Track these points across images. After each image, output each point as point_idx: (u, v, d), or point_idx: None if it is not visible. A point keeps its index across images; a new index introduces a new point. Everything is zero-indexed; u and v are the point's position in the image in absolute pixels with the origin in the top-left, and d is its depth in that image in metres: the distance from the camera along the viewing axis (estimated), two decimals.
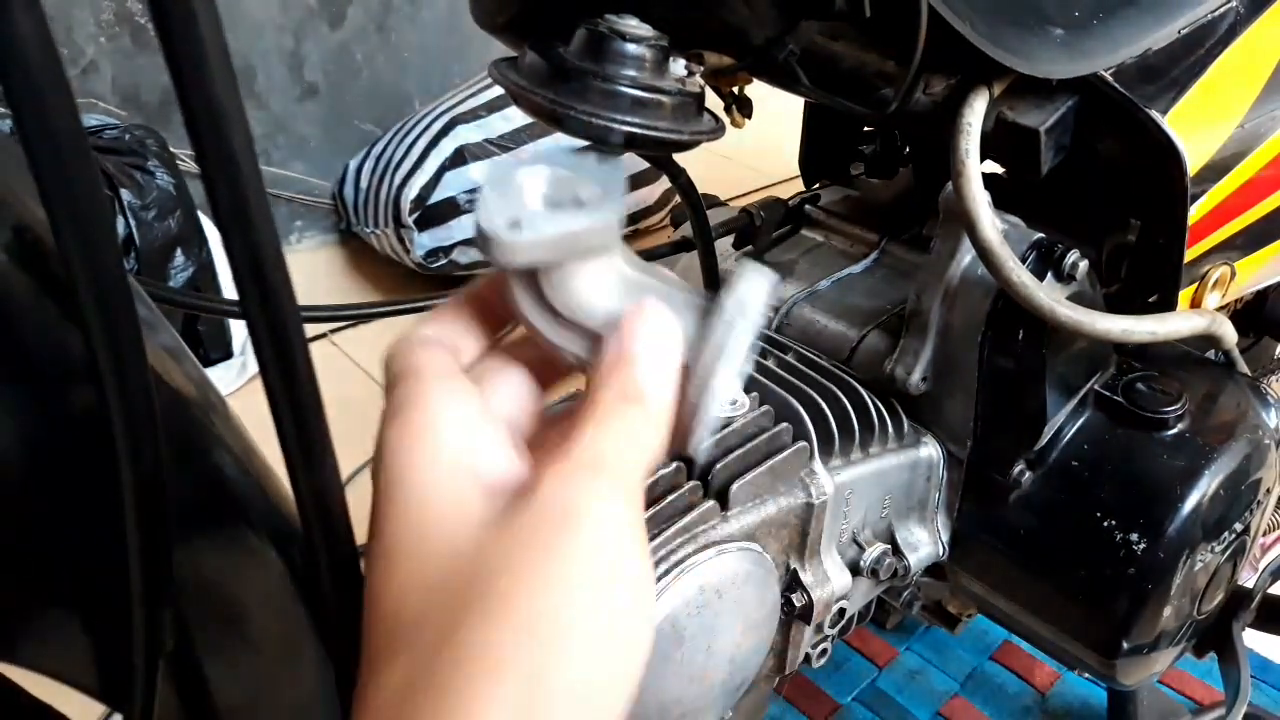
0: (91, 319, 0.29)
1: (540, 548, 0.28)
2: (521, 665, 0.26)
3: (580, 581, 0.28)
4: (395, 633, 0.28)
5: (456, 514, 0.30)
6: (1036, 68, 0.54)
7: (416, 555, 0.29)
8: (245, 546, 0.43)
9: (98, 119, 1.59)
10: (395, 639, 0.28)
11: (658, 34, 0.50)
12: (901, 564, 0.65)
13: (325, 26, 1.96)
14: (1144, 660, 0.66)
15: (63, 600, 0.36)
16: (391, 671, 0.28)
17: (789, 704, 1.11)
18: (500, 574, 0.27)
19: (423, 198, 1.81)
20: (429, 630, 0.28)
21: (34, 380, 0.33)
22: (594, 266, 0.36)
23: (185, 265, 1.54)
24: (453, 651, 0.27)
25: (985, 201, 0.56)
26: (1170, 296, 0.64)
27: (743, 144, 1.01)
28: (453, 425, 0.31)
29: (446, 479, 0.30)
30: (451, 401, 0.32)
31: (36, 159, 0.26)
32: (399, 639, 0.28)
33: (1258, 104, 0.64)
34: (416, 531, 0.30)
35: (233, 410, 0.44)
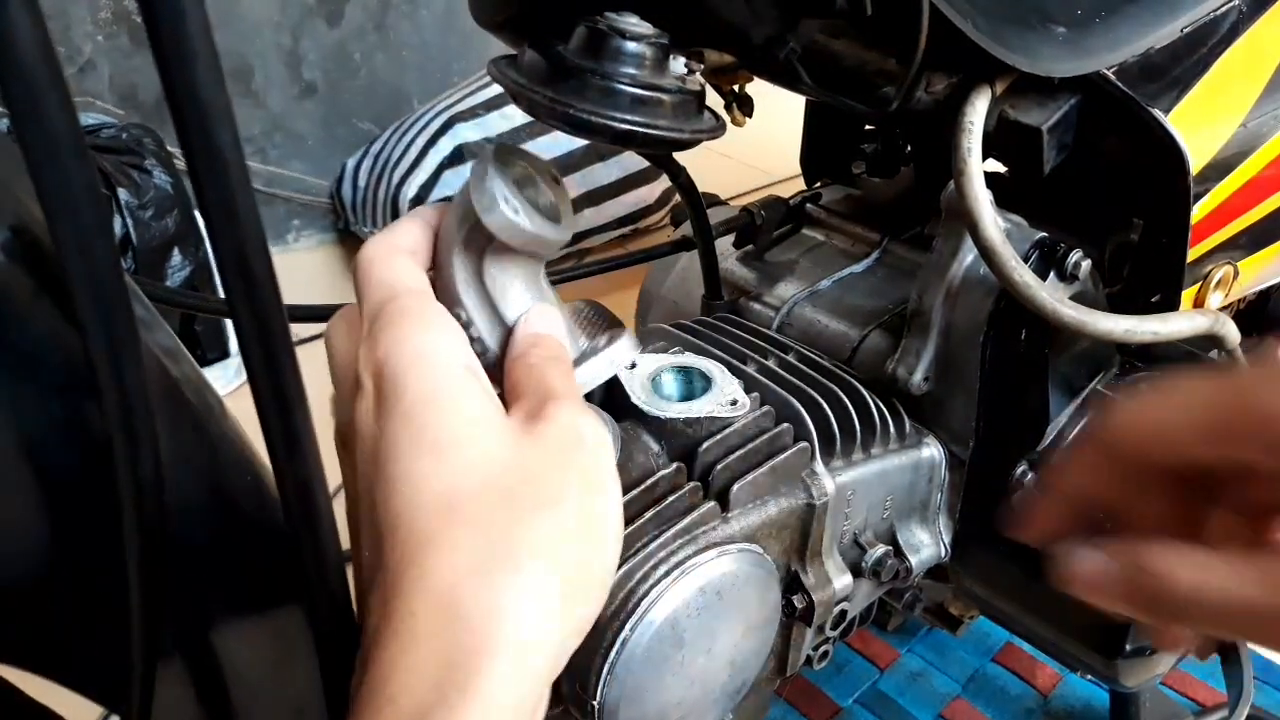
0: (88, 318, 0.28)
1: (569, 463, 0.34)
2: (572, 554, 0.32)
3: (598, 488, 0.35)
4: (452, 515, 0.31)
5: (486, 417, 0.33)
6: (1039, 66, 0.54)
7: (464, 446, 0.32)
8: (243, 546, 0.43)
9: (95, 118, 1.59)
10: (453, 521, 0.31)
11: (658, 32, 0.50)
12: (903, 565, 0.65)
13: (323, 25, 1.96)
14: (1146, 662, 0.66)
15: (62, 601, 0.36)
16: (455, 550, 0.31)
17: (790, 706, 1.11)
18: (545, 480, 0.33)
19: (421, 197, 1.80)
20: (497, 514, 0.31)
21: (32, 380, 0.33)
22: (531, 268, 0.41)
23: (182, 265, 1.54)
24: (524, 535, 0.31)
25: (987, 200, 0.56)
26: (1173, 296, 0.64)
27: (743, 142, 1.01)
28: (459, 339, 0.35)
29: (470, 384, 0.34)
30: (448, 319, 0.36)
31: (34, 158, 0.26)
32: (458, 522, 0.31)
33: (1260, 103, 0.64)
34: (462, 428, 0.33)
35: (230, 410, 0.43)
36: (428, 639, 0.30)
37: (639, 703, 0.51)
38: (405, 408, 0.32)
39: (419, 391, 0.33)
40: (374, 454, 0.33)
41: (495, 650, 0.29)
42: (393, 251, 0.39)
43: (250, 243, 0.28)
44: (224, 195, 0.27)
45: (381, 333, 0.34)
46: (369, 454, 0.33)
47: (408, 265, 0.38)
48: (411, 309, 0.35)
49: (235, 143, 0.27)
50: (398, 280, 0.37)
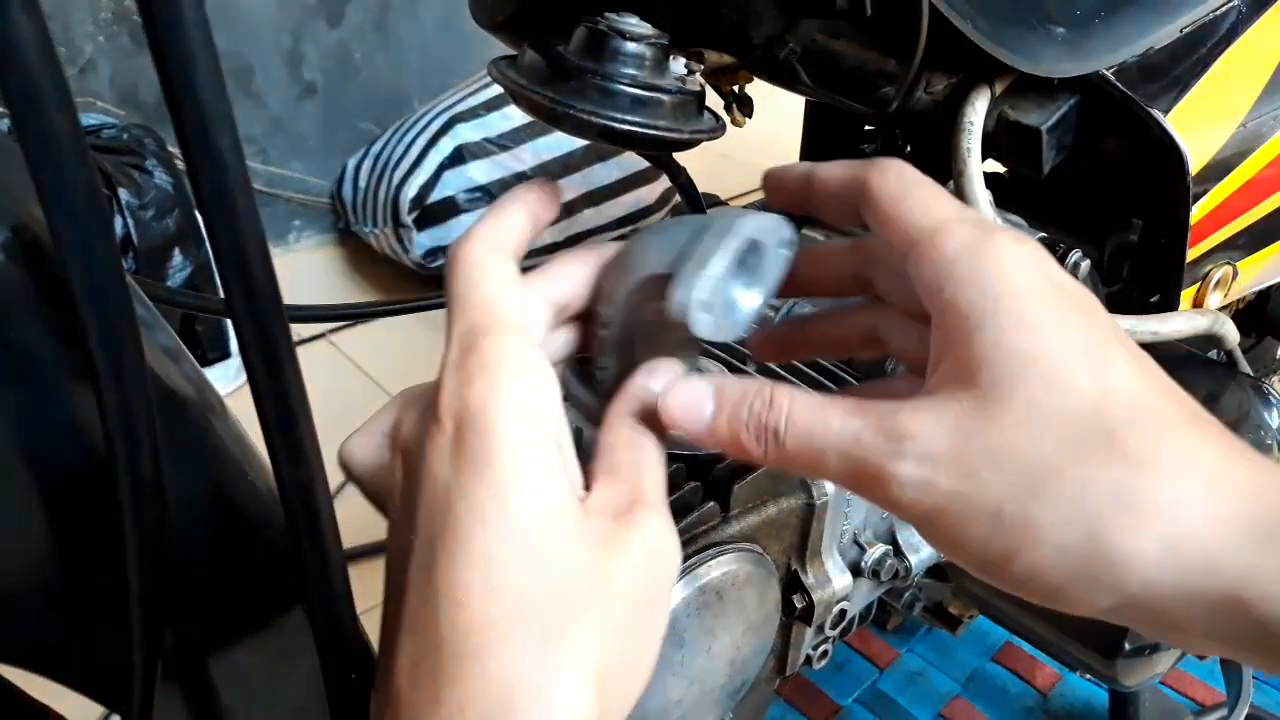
0: (89, 319, 0.28)
1: (643, 583, 0.32)
2: (622, 676, 0.32)
3: (661, 610, 0.33)
4: (524, 614, 0.29)
5: (575, 513, 0.31)
6: (1038, 66, 0.54)
7: (548, 544, 0.30)
8: (243, 547, 0.43)
9: (96, 118, 1.59)
10: (525, 621, 0.29)
11: (658, 32, 0.50)
12: (903, 565, 0.65)
13: (324, 25, 1.96)
14: (1145, 661, 0.66)
15: (61, 600, 0.36)
16: (521, 655, 0.29)
17: (790, 705, 1.11)
18: (617, 599, 0.31)
19: (422, 197, 1.81)
20: (567, 627, 0.30)
21: (32, 380, 0.33)
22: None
23: (183, 265, 1.54)
24: (586, 656, 0.30)
25: (987, 201, 0.56)
26: (1172, 296, 0.64)
27: (743, 142, 1.00)
28: (558, 405, 0.32)
29: (561, 471, 0.31)
30: (551, 377, 0.32)
31: (35, 158, 0.26)
32: (528, 623, 0.29)
33: (1260, 103, 0.64)
34: (551, 520, 0.31)
35: (231, 410, 0.43)
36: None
37: (639, 702, 0.51)
38: (493, 475, 0.30)
39: (510, 462, 0.30)
40: (445, 505, 0.30)
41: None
42: (498, 256, 0.35)
43: (250, 245, 0.28)
44: (224, 197, 0.27)
45: (477, 375, 0.31)
46: (439, 502, 0.31)
47: (513, 283, 0.35)
48: (514, 356, 0.32)
49: (235, 145, 0.27)
50: (503, 307, 0.33)
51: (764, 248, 0.37)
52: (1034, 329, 0.30)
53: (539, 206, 0.38)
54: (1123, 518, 0.28)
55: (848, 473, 0.32)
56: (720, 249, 0.35)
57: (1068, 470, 0.29)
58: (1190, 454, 0.29)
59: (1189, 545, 0.28)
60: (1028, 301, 0.30)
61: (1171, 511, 0.28)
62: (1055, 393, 0.29)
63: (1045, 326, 0.30)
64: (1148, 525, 0.28)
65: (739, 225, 0.36)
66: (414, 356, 1.62)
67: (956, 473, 0.30)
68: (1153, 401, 0.30)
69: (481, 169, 1.82)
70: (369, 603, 0.38)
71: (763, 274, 0.37)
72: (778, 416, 0.33)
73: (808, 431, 0.32)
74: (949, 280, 0.31)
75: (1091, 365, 0.30)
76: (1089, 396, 0.29)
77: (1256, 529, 0.27)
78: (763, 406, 0.33)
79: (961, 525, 0.30)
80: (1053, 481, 0.29)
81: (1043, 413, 0.29)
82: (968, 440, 0.30)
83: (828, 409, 0.32)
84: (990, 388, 0.30)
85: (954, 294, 0.31)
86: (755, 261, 0.37)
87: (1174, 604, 0.28)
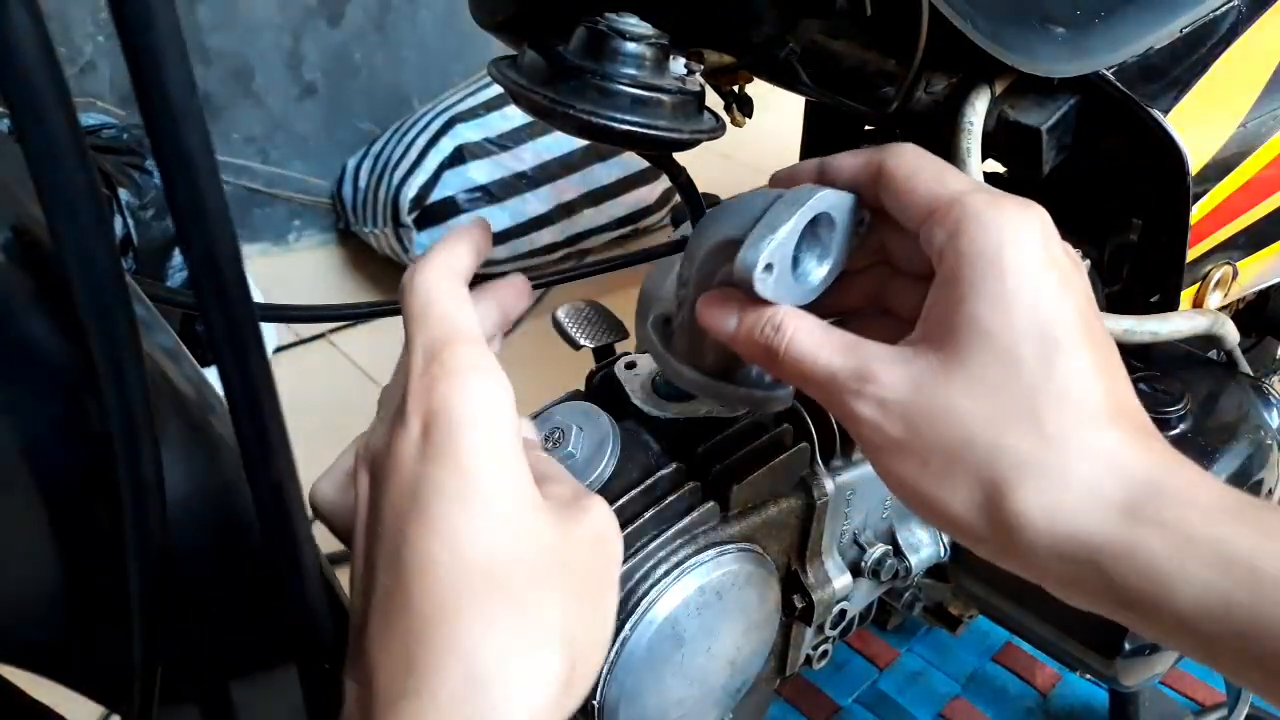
0: (89, 318, 0.29)
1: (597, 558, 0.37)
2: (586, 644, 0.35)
3: (611, 585, 0.38)
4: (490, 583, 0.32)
5: (532, 495, 0.35)
6: (1038, 67, 0.54)
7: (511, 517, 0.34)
8: (243, 546, 0.43)
9: (95, 118, 1.59)
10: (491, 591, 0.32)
11: (658, 32, 0.50)
12: (903, 565, 0.65)
13: (324, 25, 1.96)
14: (1145, 661, 0.66)
15: (61, 600, 0.36)
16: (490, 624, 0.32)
17: (790, 705, 1.11)
18: (576, 571, 0.35)
19: (422, 197, 1.81)
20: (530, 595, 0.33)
21: (32, 380, 0.33)
22: None
23: (183, 265, 1.53)
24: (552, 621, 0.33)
25: None
26: (1172, 296, 0.64)
27: (743, 142, 1.00)
28: (511, 404, 0.36)
29: (521, 458, 0.35)
30: (504, 380, 0.36)
31: (34, 158, 0.26)
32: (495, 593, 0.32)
33: (1259, 103, 0.64)
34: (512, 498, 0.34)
35: None
36: (451, 702, 0.31)
37: (639, 702, 0.51)
38: (459, 461, 0.33)
39: (475, 449, 0.33)
40: (413, 492, 0.33)
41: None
42: (453, 279, 0.39)
43: (220, 245, 0.28)
44: (193, 197, 0.27)
45: (442, 378, 0.34)
46: (406, 489, 0.33)
47: (466, 300, 0.39)
48: (473, 361, 0.35)
49: (205, 144, 0.27)
50: (460, 321, 0.37)
51: (835, 221, 0.41)
52: (1006, 310, 0.34)
53: (481, 240, 0.43)
54: (1020, 486, 0.33)
55: (824, 401, 0.38)
56: (790, 217, 0.38)
57: (990, 438, 0.34)
58: (1095, 441, 0.33)
59: (1066, 515, 0.33)
60: (1010, 281, 0.34)
61: (1060, 486, 0.33)
62: (1000, 370, 0.34)
63: (1016, 309, 0.34)
64: (1038, 495, 0.33)
65: (812, 197, 0.39)
66: None
67: (901, 423, 0.35)
68: (1084, 391, 0.34)
69: (481, 169, 1.82)
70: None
71: (832, 246, 0.41)
72: (781, 340, 0.38)
73: (798, 359, 0.38)
74: (951, 250, 0.35)
75: (1042, 349, 0.34)
76: (1029, 379, 0.34)
77: (1124, 511, 0.32)
78: (772, 331, 0.39)
79: (896, 465, 0.36)
80: (972, 446, 0.34)
81: (987, 386, 0.34)
82: (920, 395, 0.35)
83: (821, 345, 0.38)
84: (953, 353, 0.35)
85: (954, 263, 0.35)
86: (827, 234, 0.41)
87: (1049, 561, 0.33)
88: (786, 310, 0.39)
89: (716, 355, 0.47)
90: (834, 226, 0.41)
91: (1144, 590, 0.32)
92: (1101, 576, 0.32)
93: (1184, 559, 0.31)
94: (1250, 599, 0.30)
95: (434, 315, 0.37)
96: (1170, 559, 0.31)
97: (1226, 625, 0.30)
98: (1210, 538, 0.31)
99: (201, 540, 0.40)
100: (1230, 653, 0.31)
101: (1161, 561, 0.31)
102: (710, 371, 0.48)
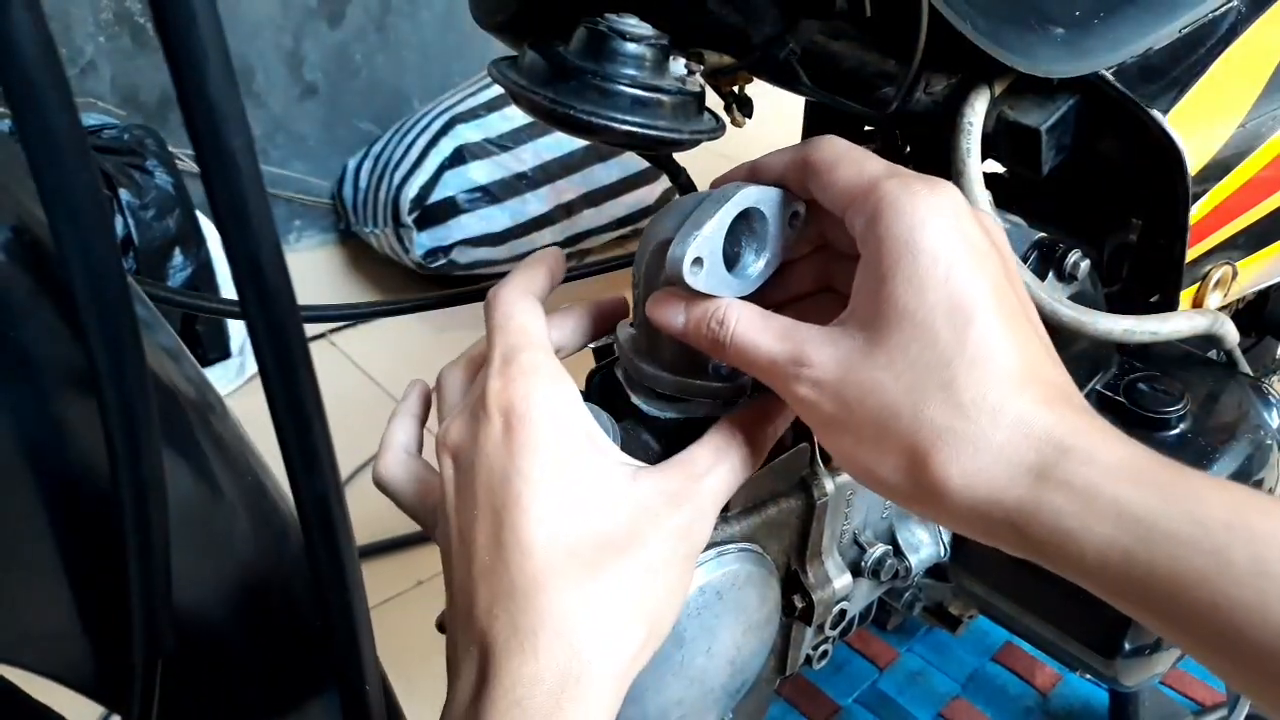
0: (90, 319, 0.29)
1: (671, 529, 0.41)
2: (657, 609, 0.41)
3: (688, 568, 0.43)
4: (576, 558, 0.38)
5: (610, 476, 0.40)
6: (1037, 67, 0.54)
7: (592, 502, 0.39)
8: (242, 546, 0.43)
9: (96, 118, 1.59)
10: (579, 565, 0.38)
11: (658, 33, 0.50)
12: (903, 565, 0.65)
13: (324, 26, 1.96)
14: (1145, 661, 0.66)
15: (62, 601, 0.36)
16: (579, 589, 0.38)
17: (790, 705, 1.11)
18: (649, 544, 0.40)
19: (422, 197, 1.81)
20: (610, 565, 0.39)
21: (32, 380, 0.33)
22: None
23: (184, 265, 1.54)
24: (628, 589, 0.39)
25: (986, 201, 0.56)
26: (1172, 296, 0.64)
27: (743, 143, 1.01)
28: (576, 398, 0.41)
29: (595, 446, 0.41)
30: (569, 382, 0.41)
31: (36, 159, 0.26)
32: (582, 567, 0.38)
33: (1259, 103, 0.64)
34: (593, 484, 0.40)
35: (231, 410, 0.44)
36: (548, 658, 0.37)
37: (639, 702, 0.51)
38: (545, 453, 0.39)
39: (556, 441, 0.39)
40: (504, 479, 0.39)
41: (597, 677, 0.38)
42: (529, 297, 0.44)
43: (264, 250, 0.28)
44: (236, 201, 0.27)
45: (518, 378, 0.40)
46: (497, 478, 0.39)
47: (540, 317, 0.44)
48: (546, 365, 0.41)
49: (249, 148, 0.27)
50: (533, 331, 0.42)
51: (765, 215, 0.43)
52: (920, 288, 0.36)
53: (556, 267, 0.48)
54: (940, 454, 0.35)
55: (771, 385, 0.41)
56: (716, 211, 0.41)
57: (911, 410, 0.36)
58: (1007, 406, 0.35)
59: (981, 480, 0.35)
60: (923, 260, 0.36)
61: (975, 452, 0.35)
62: (917, 345, 0.36)
63: (929, 286, 0.36)
64: (957, 462, 0.35)
65: (736, 194, 0.42)
66: (414, 356, 1.62)
67: (834, 400, 0.38)
68: (995, 358, 0.36)
69: (481, 169, 1.83)
70: (378, 598, 0.39)
71: (767, 238, 0.44)
72: (725, 333, 0.41)
73: (742, 348, 0.41)
74: (870, 235, 0.38)
75: (954, 322, 0.36)
76: (944, 351, 0.36)
77: (1034, 472, 0.34)
78: (716, 325, 0.41)
79: (835, 439, 0.39)
80: (898, 419, 0.36)
81: (907, 361, 0.36)
82: (848, 373, 0.37)
83: (761, 332, 0.40)
84: (875, 332, 0.37)
85: (874, 247, 0.38)
86: (761, 227, 0.43)
87: (970, 520, 0.36)
88: (729, 303, 0.42)
89: (674, 351, 0.48)
90: (766, 220, 0.44)
91: (1053, 544, 0.34)
92: (1015, 532, 0.35)
93: (1086, 517, 0.33)
94: (1146, 553, 0.32)
95: (511, 326, 0.42)
96: (1074, 516, 0.33)
97: (1126, 576, 0.33)
98: (1112, 497, 0.33)
99: (201, 540, 0.40)
100: (1131, 599, 0.33)
101: (1067, 519, 0.33)
102: (671, 367, 0.49)
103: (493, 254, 1.86)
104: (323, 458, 0.33)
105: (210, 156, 0.27)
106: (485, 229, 1.84)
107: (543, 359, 0.41)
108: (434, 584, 1.28)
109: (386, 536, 1.29)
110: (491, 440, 0.39)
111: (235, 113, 0.26)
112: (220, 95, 0.26)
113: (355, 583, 0.37)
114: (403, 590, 1.25)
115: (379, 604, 1.19)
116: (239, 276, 0.29)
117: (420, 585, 1.27)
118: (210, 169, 0.27)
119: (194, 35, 0.25)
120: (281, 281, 0.29)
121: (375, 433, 0.49)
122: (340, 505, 0.35)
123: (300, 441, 0.32)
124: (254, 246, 0.28)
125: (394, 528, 1.29)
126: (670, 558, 0.41)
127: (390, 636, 0.51)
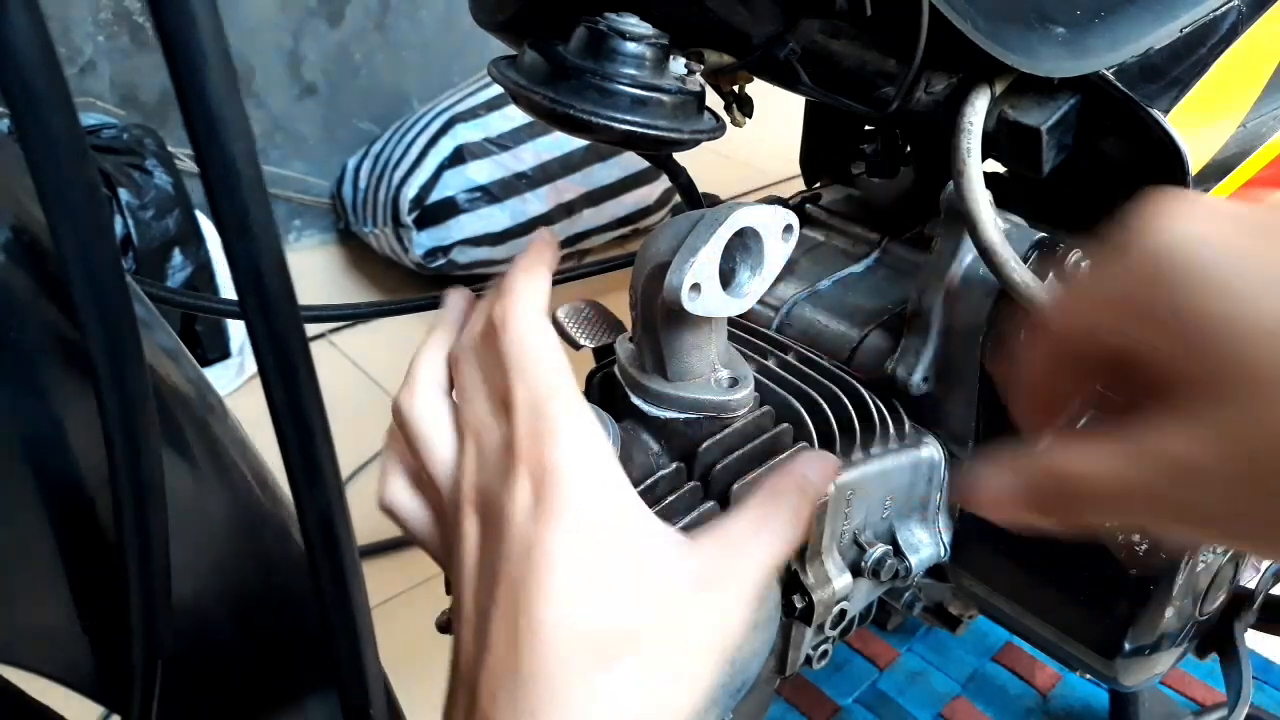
0: (89, 319, 0.28)
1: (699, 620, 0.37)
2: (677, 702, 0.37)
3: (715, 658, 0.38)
4: (601, 659, 0.35)
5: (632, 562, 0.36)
6: (1038, 66, 0.54)
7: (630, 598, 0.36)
8: (241, 547, 0.43)
9: (95, 118, 1.59)
10: (606, 667, 0.35)
11: (658, 32, 0.50)
12: (903, 565, 0.65)
13: (324, 25, 1.96)
14: (1145, 661, 0.66)
15: (62, 601, 0.36)
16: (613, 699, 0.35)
17: (790, 705, 1.11)
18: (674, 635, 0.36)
19: (421, 197, 1.81)
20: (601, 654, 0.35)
21: (32, 380, 0.33)
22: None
23: (183, 265, 1.54)
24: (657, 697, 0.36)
25: (987, 201, 0.56)
26: None
27: (743, 143, 1.01)
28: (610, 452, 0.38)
29: (645, 517, 0.38)
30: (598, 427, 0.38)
31: (35, 158, 0.26)
32: (609, 669, 0.35)
33: (1260, 103, 0.64)
34: (631, 577, 0.36)
35: (230, 410, 0.43)
36: None
37: None
38: (575, 530, 0.35)
39: (588, 513, 0.36)
40: (527, 553, 0.35)
41: None
42: (540, 320, 0.40)
43: (266, 255, 0.28)
44: (238, 207, 0.27)
45: (549, 436, 0.36)
46: (521, 549, 0.35)
47: (556, 345, 0.39)
48: (578, 420, 0.37)
49: (250, 153, 0.27)
50: (558, 373, 0.38)
51: (760, 234, 0.43)
52: None
53: (552, 259, 0.44)
54: None
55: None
56: (710, 236, 0.41)
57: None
58: None
59: None
60: None
61: None
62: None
63: None
64: None
65: (730, 214, 0.42)
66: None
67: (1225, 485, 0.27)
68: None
69: (481, 169, 1.82)
70: (378, 598, 0.39)
71: (761, 257, 0.44)
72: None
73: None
74: None
75: None
76: None
77: None
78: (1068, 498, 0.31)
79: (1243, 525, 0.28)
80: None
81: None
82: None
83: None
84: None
85: None
86: (756, 246, 0.43)
87: None
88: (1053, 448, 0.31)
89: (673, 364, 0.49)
90: (760, 238, 0.43)
91: None
92: None
93: None
94: None
95: (530, 367, 0.38)
96: None
97: None
98: None
99: (201, 539, 0.40)
100: None
101: None
102: (670, 378, 0.49)
103: (492, 254, 1.86)
104: (323, 458, 0.33)
105: (210, 157, 0.27)
106: (485, 229, 1.83)
107: (572, 411, 0.37)
108: (434, 584, 1.28)
109: (387, 536, 1.29)
110: (520, 508, 0.36)
111: (238, 119, 0.26)
112: (222, 102, 0.26)
113: (357, 585, 0.37)
114: (403, 590, 1.25)
115: (379, 604, 1.19)
116: (239, 277, 0.29)
117: (420, 585, 1.27)
118: (210, 169, 0.27)
119: (194, 36, 0.25)
120: (282, 282, 0.29)
121: (375, 433, 0.49)
122: (341, 506, 0.35)
123: (301, 442, 0.32)
124: (254, 247, 0.28)
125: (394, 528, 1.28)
126: (695, 653, 0.37)
127: (390, 636, 0.51)
